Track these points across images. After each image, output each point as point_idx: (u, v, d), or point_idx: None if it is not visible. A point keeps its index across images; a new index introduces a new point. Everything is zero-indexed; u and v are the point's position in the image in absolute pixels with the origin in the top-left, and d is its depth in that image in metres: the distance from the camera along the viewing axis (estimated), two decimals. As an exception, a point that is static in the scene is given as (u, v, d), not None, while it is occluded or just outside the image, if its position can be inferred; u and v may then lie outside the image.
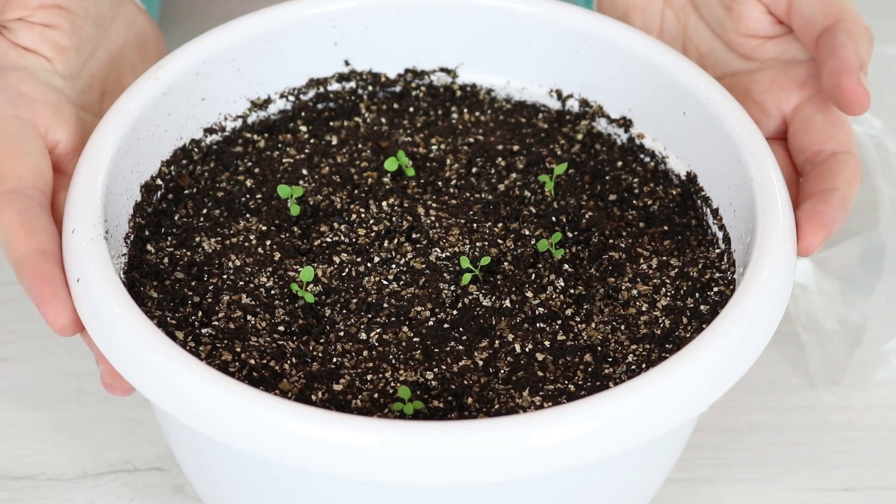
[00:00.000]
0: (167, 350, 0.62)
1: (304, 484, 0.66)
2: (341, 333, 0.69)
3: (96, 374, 0.82)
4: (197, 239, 0.73)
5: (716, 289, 0.71)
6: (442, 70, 0.82)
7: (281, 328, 0.69)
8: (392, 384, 0.67)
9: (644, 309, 0.71)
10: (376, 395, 0.67)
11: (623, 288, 0.72)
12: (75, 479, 0.79)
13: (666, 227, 0.75)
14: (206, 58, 0.76)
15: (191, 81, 0.76)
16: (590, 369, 0.68)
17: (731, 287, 0.71)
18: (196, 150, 0.77)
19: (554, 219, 0.75)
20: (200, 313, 0.70)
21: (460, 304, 0.71)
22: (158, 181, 0.75)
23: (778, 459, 0.82)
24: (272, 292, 0.71)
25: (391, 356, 0.68)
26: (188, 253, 0.73)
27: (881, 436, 0.83)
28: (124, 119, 0.72)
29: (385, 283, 0.72)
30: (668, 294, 0.71)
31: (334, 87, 0.81)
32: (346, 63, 0.81)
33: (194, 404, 0.62)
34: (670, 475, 0.80)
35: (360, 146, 0.79)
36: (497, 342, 0.69)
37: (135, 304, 0.64)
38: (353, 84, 0.81)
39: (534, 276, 0.72)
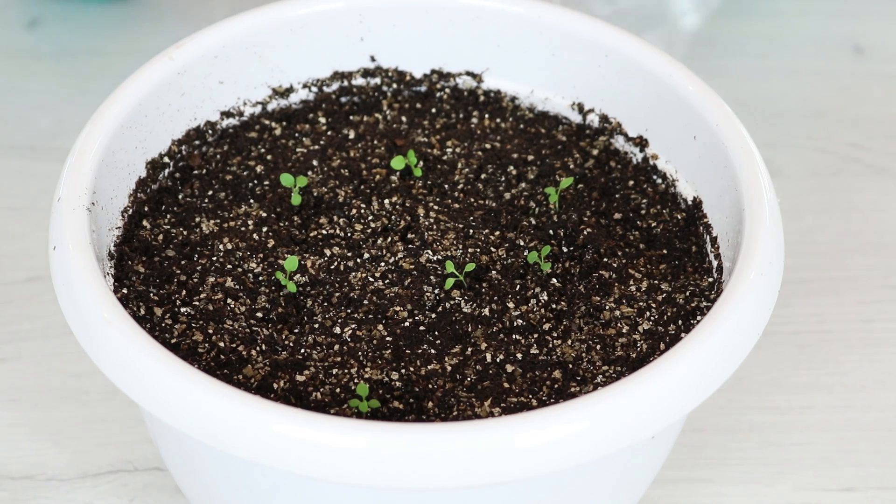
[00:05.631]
0: (121, 324, 0.63)
1: (286, 485, 0.66)
2: (316, 325, 0.70)
3: (96, 374, 0.83)
4: (196, 219, 0.74)
5: (699, 318, 0.70)
6: (468, 74, 0.82)
7: (259, 314, 0.70)
8: (356, 380, 0.67)
9: (624, 331, 0.70)
10: (338, 391, 0.67)
11: (606, 308, 0.71)
12: (75, 479, 0.80)
13: (665, 251, 0.74)
14: (225, 42, 0.77)
15: (208, 64, 0.77)
16: (556, 386, 0.68)
17: (715, 317, 0.69)
18: (210, 131, 0.78)
19: (551, 232, 0.74)
20: (184, 292, 0.71)
21: (440, 308, 0.71)
22: (166, 159, 0.76)
23: (778, 459, 0.82)
24: (259, 279, 0.72)
25: (360, 353, 0.68)
26: (184, 232, 0.74)
27: (881, 436, 0.83)
28: (131, 95, 0.73)
29: (371, 280, 0.72)
30: (651, 318, 0.70)
31: (359, 81, 0.81)
32: (372, 59, 0.81)
33: (147, 384, 0.63)
34: (671, 475, 0.80)
35: (375, 142, 0.79)
36: (469, 349, 0.69)
37: (101, 276, 0.65)
38: (377, 80, 0.81)
39: (519, 287, 0.71)
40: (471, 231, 0.74)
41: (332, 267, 0.72)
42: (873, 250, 0.93)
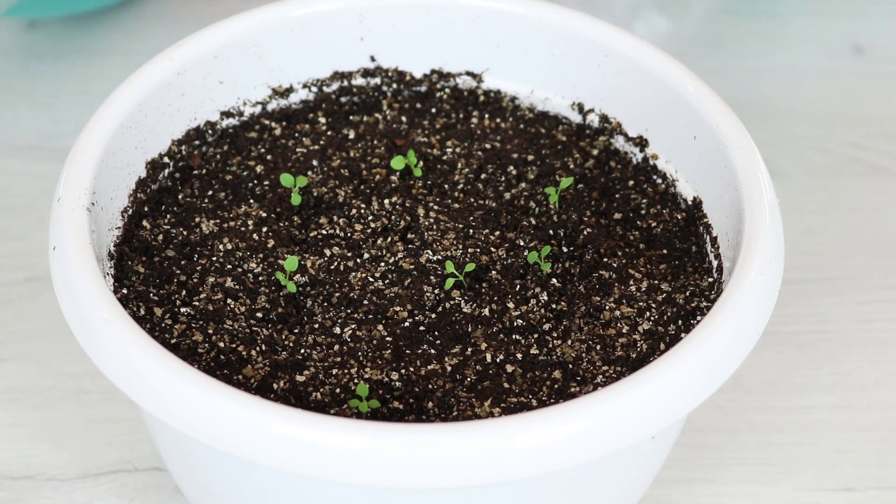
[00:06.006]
0: (121, 324, 0.63)
1: (286, 485, 0.66)
2: (316, 325, 0.70)
3: (96, 374, 0.83)
4: (196, 219, 0.74)
5: (699, 318, 0.70)
6: (468, 74, 0.82)
7: (259, 315, 0.70)
8: (356, 381, 0.67)
9: (624, 331, 0.70)
10: (338, 391, 0.67)
11: (606, 308, 0.71)
12: (75, 479, 0.80)
13: (665, 251, 0.74)
14: (225, 42, 0.77)
15: (208, 64, 0.77)
16: (556, 386, 0.68)
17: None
18: (210, 131, 0.78)
19: (551, 232, 0.74)
20: (184, 292, 0.71)
21: (440, 309, 0.71)
22: (166, 159, 0.76)
23: (778, 459, 0.82)
24: (259, 279, 0.72)
25: (360, 353, 0.68)
26: (184, 232, 0.74)
27: (881, 436, 0.83)
28: (131, 95, 0.73)
29: (371, 280, 0.72)
30: (651, 318, 0.70)
31: (359, 81, 0.81)
32: (372, 59, 0.81)
33: (147, 384, 0.63)
34: (671, 475, 0.80)
35: (375, 142, 0.79)
36: (469, 349, 0.69)
37: (101, 276, 0.65)
38: (377, 80, 0.81)
39: (519, 287, 0.72)
40: (471, 231, 0.74)
41: (332, 267, 0.72)
42: (873, 250, 0.93)
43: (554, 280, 0.72)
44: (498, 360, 0.69)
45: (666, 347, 0.69)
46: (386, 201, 0.75)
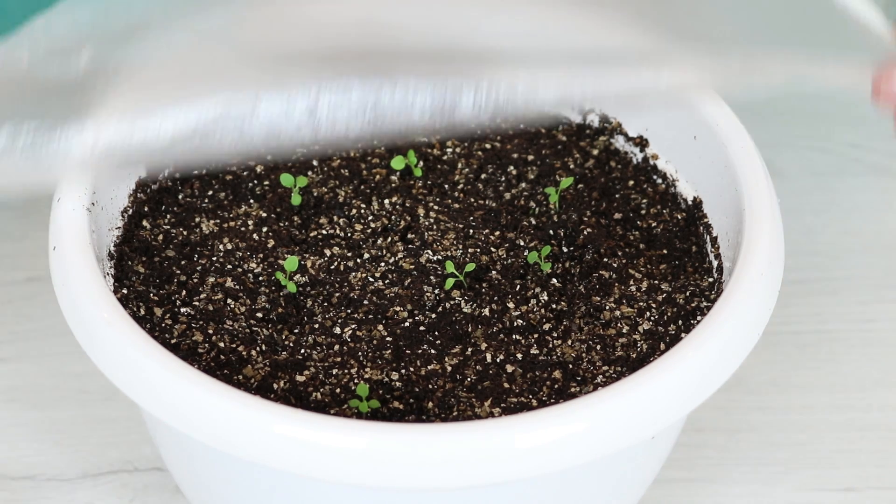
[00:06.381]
0: (121, 325, 0.63)
1: (286, 485, 0.66)
2: (316, 325, 0.70)
3: (96, 374, 0.82)
4: (196, 219, 0.74)
5: (699, 318, 0.70)
6: (468, 74, 0.82)
7: (259, 315, 0.70)
8: (356, 381, 0.67)
9: (624, 331, 0.70)
10: (338, 391, 0.67)
11: (607, 308, 0.71)
12: (75, 479, 0.80)
13: (665, 251, 0.74)
14: (225, 42, 0.77)
15: (208, 64, 0.77)
16: (556, 386, 0.68)
17: (715, 318, 0.69)
18: (210, 132, 0.78)
19: (552, 232, 0.74)
20: (184, 292, 0.71)
21: (440, 309, 0.71)
22: (166, 159, 0.76)
23: (778, 459, 0.82)
24: (259, 279, 0.72)
25: (360, 353, 0.68)
26: (184, 232, 0.74)
27: (881, 436, 0.83)
28: (131, 95, 0.73)
29: (371, 280, 0.72)
30: (651, 318, 0.70)
31: (359, 81, 0.81)
32: (372, 59, 0.81)
33: (147, 385, 0.63)
34: (671, 475, 0.80)
35: (375, 142, 0.79)
36: (469, 349, 0.69)
37: (101, 276, 0.65)
38: (377, 80, 0.81)
39: (519, 287, 0.72)
40: (471, 231, 0.74)
41: (332, 267, 0.72)
42: (873, 250, 0.93)
43: (554, 280, 0.72)
44: (498, 360, 0.69)
45: (666, 347, 0.69)
46: (386, 201, 0.76)
